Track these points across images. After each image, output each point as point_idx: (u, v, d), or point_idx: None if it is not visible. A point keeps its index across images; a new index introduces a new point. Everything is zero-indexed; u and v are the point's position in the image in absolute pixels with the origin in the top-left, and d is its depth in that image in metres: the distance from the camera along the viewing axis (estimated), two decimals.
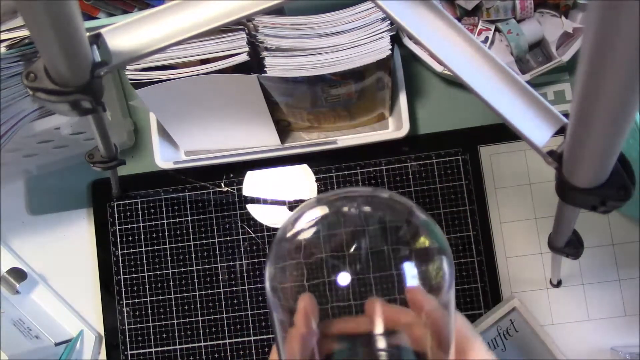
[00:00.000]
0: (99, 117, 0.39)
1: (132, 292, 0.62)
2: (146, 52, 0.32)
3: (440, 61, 0.31)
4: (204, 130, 0.59)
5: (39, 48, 0.28)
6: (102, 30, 0.31)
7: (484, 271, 0.59)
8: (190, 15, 0.32)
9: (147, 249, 0.62)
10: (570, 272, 0.58)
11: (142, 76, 0.50)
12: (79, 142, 0.60)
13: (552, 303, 0.58)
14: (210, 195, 0.63)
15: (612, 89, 0.19)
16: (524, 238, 0.59)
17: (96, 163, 0.48)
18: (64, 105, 0.31)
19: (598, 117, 0.22)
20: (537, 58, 0.59)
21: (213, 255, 0.62)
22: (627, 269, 0.58)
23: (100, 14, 0.57)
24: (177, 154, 0.62)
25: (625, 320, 0.58)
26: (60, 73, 0.30)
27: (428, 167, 0.60)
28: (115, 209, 0.63)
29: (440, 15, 0.32)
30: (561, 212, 0.36)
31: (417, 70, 0.63)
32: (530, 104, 0.31)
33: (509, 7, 0.57)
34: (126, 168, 0.63)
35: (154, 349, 0.61)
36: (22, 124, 0.48)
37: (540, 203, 0.59)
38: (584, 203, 0.29)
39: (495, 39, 0.59)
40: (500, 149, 0.60)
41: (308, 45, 0.50)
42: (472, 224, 0.59)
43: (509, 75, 0.31)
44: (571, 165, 0.28)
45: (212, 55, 0.50)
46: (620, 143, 0.24)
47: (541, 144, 0.30)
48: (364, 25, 0.50)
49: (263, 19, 0.49)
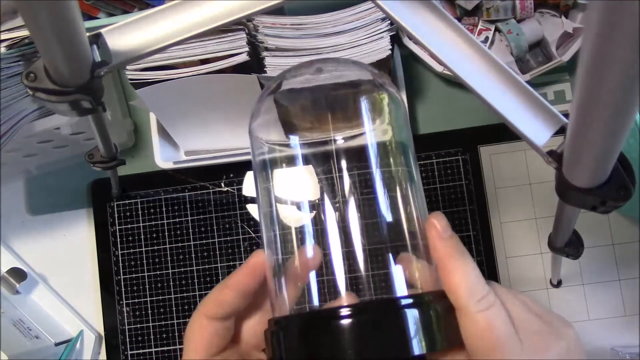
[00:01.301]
0: (99, 117, 0.39)
1: (132, 292, 0.62)
2: (146, 52, 0.32)
3: (440, 61, 0.31)
4: (204, 130, 0.59)
5: (39, 48, 0.28)
6: (102, 30, 0.31)
7: (484, 271, 0.59)
8: (190, 15, 0.32)
9: (147, 249, 0.62)
10: (570, 272, 0.58)
11: (142, 76, 0.50)
12: (79, 142, 0.60)
13: (552, 303, 0.58)
14: (210, 195, 0.63)
15: (612, 89, 0.19)
16: (524, 238, 0.59)
17: (96, 163, 0.48)
18: (64, 105, 0.31)
19: (598, 117, 0.22)
20: (537, 58, 0.59)
21: (213, 255, 0.62)
22: (627, 269, 0.58)
23: (100, 14, 0.57)
24: (177, 154, 0.62)
25: (625, 320, 0.58)
26: (60, 73, 0.30)
27: (428, 167, 0.60)
28: (115, 209, 0.63)
29: (440, 15, 0.32)
30: (561, 212, 0.36)
31: (417, 70, 0.63)
32: (530, 104, 0.31)
33: (509, 7, 0.57)
34: (126, 168, 0.63)
35: (154, 349, 0.61)
36: (22, 124, 0.48)
37: (540, 203, 0.59)
38: (584, 203, 0.29)
39: (495, 39, 0.59)
40: (500, 149, 0.60)
41: (308, 45, 0.50)
42: (472, 224, 0.59)
43: (509, 75, 0.31)
44: (571, 165, 0.28)
45: (212, 55, 0.50)
46: (620, 143, 0.24)
47: (541, 144, 0.30)
48: (364, 25, 0.50)
49: (263, 19, 0.49)
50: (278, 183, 0.34)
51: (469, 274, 0.27)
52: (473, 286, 0.27)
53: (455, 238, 0.28)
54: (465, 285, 0.27)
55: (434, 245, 0.28)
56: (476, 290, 0.27)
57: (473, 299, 0.26)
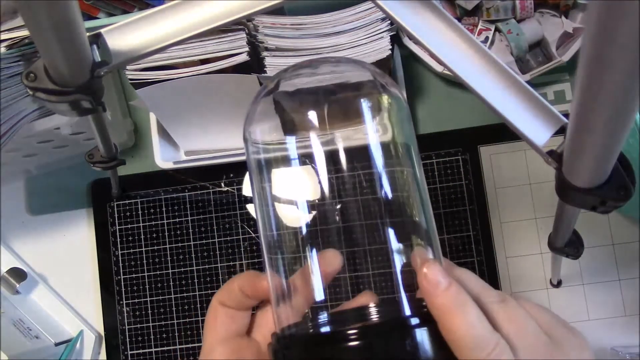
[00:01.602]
0: (99, 117, 0.39)
1: (132, 292, 0.62)
2: (146, 52, 0.32)
3: (440, 61, 0.31)
4: (204, 130, 0.59)
5: (39, 48, 0.28)
6: (102, 30, 0.31)
7: (484, 271, 0.58)
8: (190, 15, 0.32)
9: (147, 249, 0.62)
10: (570, 272, 0.58)
11: (142, 76, 0.50)
12: (79, 142, 0.60)
13: (552, 303, 0.58)
14: (210, 195, 0.63)
15: (612, 89, 0.19)
16: (524, 238, 0.59)
17: (96, 163, 0.48)
18: (64, 105, 0.31)
19: (598, 117, 0.22)
20: (537, 58, 0.59)
21: (213, 255, 0.62)
22: (627, 269, 0.58)
23: (100, 14, 0.57)
24: (177, 154, 0.62)
25: (625, 320, 0.58)
26: (60, 73, 0.30)
27: (428, 167, 0.60)
28: (115, 209, 0.63)
29: (440, 15, 0.32)
30: (561, 212, 0.36)
31: (417, 70, 0.63)
32: (530, 104, 0.31)
33: (509, 7, 0.57)
34: (126, 168, 0.63)
35: (154, 349, 0.61)
36: (22, 124, 0.48)
37: (540, 203, 0.59)
38: (584, 203, 0.29)
39: (495, 39, 0.59)
40: (500, 149, 0.60)
41: (308, 45, 0.50)
42: (472, 224, 0.59)
43: (509, 75, 0.31)
44: (571, 165, 0.28)
45: (212, 55, 0.50)
46: (620, 143, 0.24)
47: (541, 144, 0.30)
48: (364, 25, 0.50)
49: (263, 19, 0.49)
50: (277, 183, 0.33)
51: (473, 327, 0.25)
52: (478, 338, 0.25)
53: (452, 288, 0.25)
54: (470, 340, 0.24)
55: (430, 302, 0.26)
56: (483, 344, 0.24)
57: (481, 354, 0.24)
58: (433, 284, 0.26)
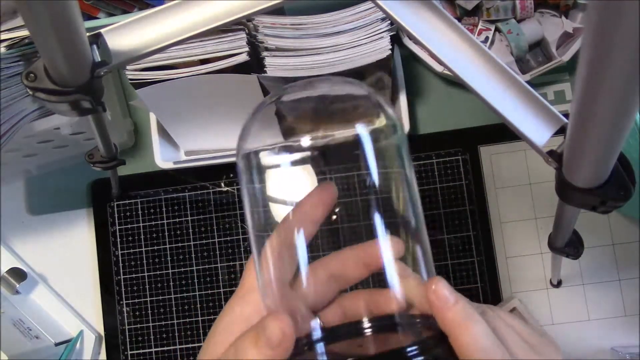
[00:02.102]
0: (99, 117, 0.39)
1: (132, 292, 0.62)
2: (146, 52, 0.32)
3: (440, 61, 0.31)
4: (204, 130, 0.59)
5: (39, 48, 0.28)
6: (102, 30, 0.31)
7: (484, 271, 0.59)
8: (190, 15, 0.32)
9: (147, 249, 0.62)
10: (570, 272, 0.58)
11: (142, 76, 0.50)
12: (79, 142, 0.60)
13: (552, 303, 0.58)
14: (210, 195, 0.63)
15: (612, 89, 0.19)
16: (524, 238, 0.59)
17: (96, 163, 0.48)
18: (64, 105, 0.31)
19: (598, 117, 0.22)
20: (537, 58, 0.59)
21: (213, 255, 0.62)
22: (627, 269, 0.58)
23: (100, 14, 0.57)
24: (177, 154, 0.62)
25: (625, 320, 0.58)
26: (60, 73, 0.30)
27: (428, 167, 0.60)
28: (115, 209, 0.63)
29: (440, 15, 0.32)
30: (561, 212, 0.36)
31: (417, 70, 0.63)
32: (530, 104, 0.31)
33: (509, 7, 0.57)
34: (126, 168, 0.63)
35: (154, 349, 0.61)
36: (22, 124, 0.48)
37: (540, 203, 0.59)
38: (584, 203, 0.29)
39: (495, 39, 0.59)
40: (500, 149, 0.60)
41: (308, 45, 0.50)
42: (472, 224, 0.59)
43: (509, 75, 0.31)
44: (571, 165, 0.28)
45: (212, 55, 0.50)
46: (620, 143, 0.24)
47: (541, 144, 0.30)
48: (364, 25, 0.50)
49: (263, 19, 0.49)
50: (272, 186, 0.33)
51: (481, 338, 0.26)
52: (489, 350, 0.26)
53: (461, 302, 0.26)
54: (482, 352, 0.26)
55: (441, 317, 0.27)
56: (492, 354, 0.26)
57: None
58: (443, 300, 0.26)
